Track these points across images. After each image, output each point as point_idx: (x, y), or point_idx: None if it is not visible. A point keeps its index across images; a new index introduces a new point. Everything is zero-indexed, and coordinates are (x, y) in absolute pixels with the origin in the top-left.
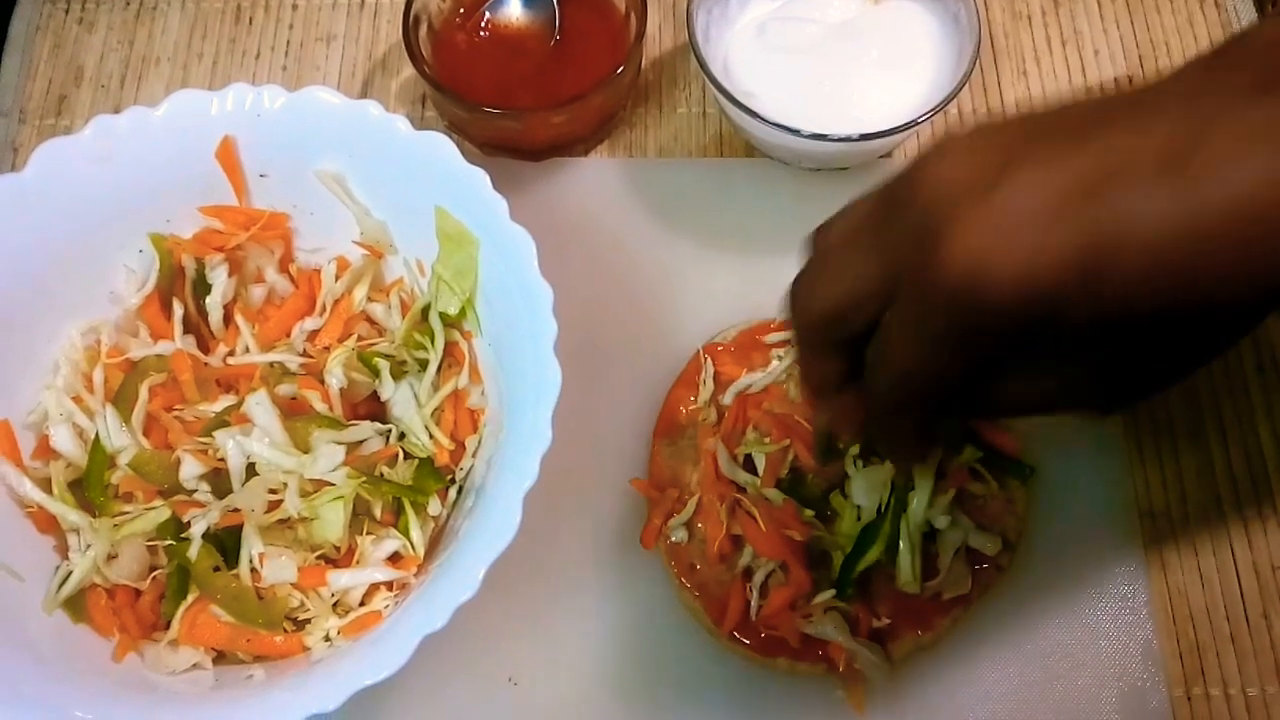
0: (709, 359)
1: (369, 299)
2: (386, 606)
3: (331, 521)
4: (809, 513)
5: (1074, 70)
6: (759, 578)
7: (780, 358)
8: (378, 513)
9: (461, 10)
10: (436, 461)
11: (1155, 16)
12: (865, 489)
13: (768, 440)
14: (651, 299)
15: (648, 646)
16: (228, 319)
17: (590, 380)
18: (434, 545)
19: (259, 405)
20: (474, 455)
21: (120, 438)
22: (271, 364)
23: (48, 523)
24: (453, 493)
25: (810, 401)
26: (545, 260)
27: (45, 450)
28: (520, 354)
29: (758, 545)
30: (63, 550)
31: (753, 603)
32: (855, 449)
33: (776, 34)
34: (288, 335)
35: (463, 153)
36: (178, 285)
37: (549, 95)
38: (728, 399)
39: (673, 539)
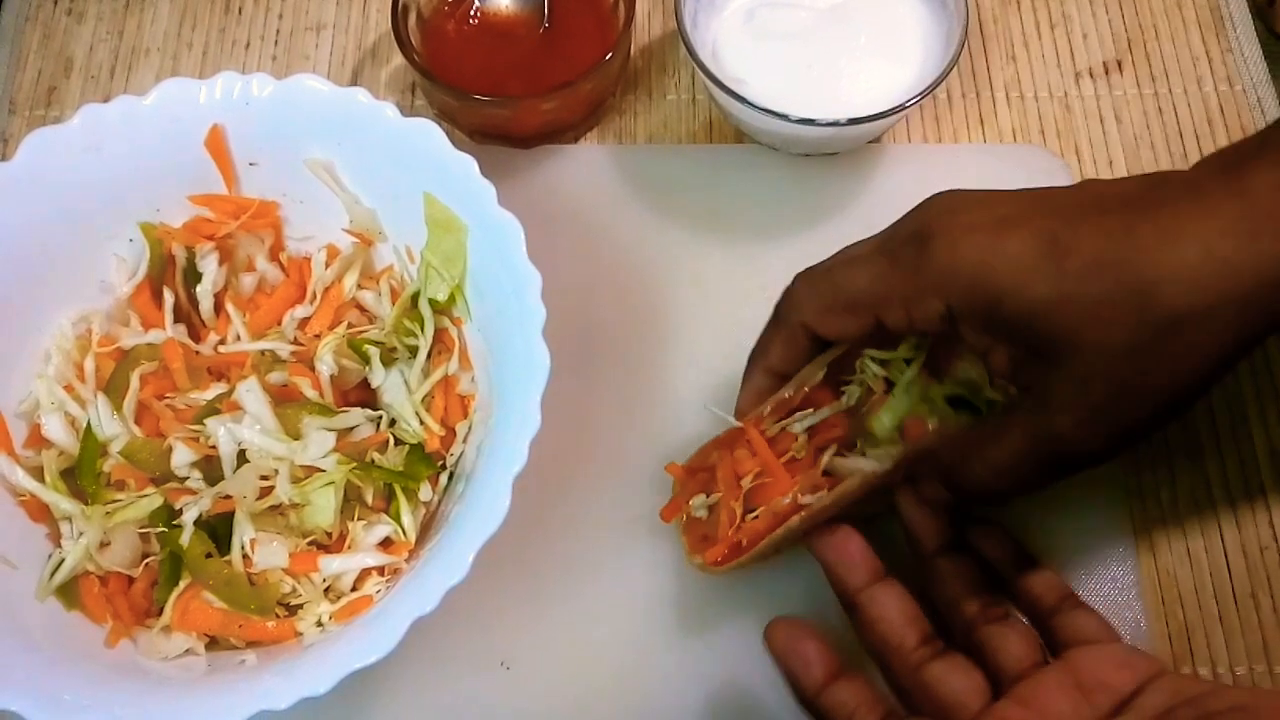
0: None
1: (359, 286)
2: (378, 591)
3: (323, 507)
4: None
5: (1063, 54)
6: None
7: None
8: (369, 498)
9: None
10: (427, 447)
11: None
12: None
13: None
14: (641, 285)
15: (643, 626)
16: (218, 307)
17: (579, 366)
18: (425, 530)
19: (250, 393)
20: (464, 441)
21: (112, 426)
22: (262, 352)
23: (40, 511)
24: (443, 478)
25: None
26: (535, 247)
27: (37, 439)
28: (509, 339)
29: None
30: (55, 538)
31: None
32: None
33: (765, 19)
34: (278, 323)
35: (453, 141)
36: (168, 274)
37: (538, 82)
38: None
39: (694, 515)
